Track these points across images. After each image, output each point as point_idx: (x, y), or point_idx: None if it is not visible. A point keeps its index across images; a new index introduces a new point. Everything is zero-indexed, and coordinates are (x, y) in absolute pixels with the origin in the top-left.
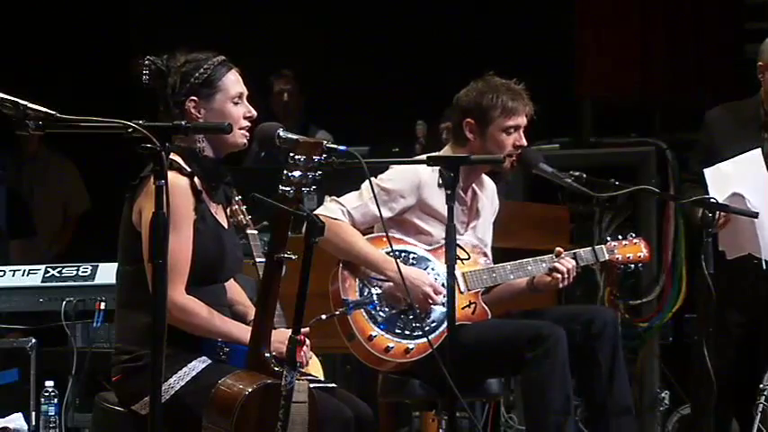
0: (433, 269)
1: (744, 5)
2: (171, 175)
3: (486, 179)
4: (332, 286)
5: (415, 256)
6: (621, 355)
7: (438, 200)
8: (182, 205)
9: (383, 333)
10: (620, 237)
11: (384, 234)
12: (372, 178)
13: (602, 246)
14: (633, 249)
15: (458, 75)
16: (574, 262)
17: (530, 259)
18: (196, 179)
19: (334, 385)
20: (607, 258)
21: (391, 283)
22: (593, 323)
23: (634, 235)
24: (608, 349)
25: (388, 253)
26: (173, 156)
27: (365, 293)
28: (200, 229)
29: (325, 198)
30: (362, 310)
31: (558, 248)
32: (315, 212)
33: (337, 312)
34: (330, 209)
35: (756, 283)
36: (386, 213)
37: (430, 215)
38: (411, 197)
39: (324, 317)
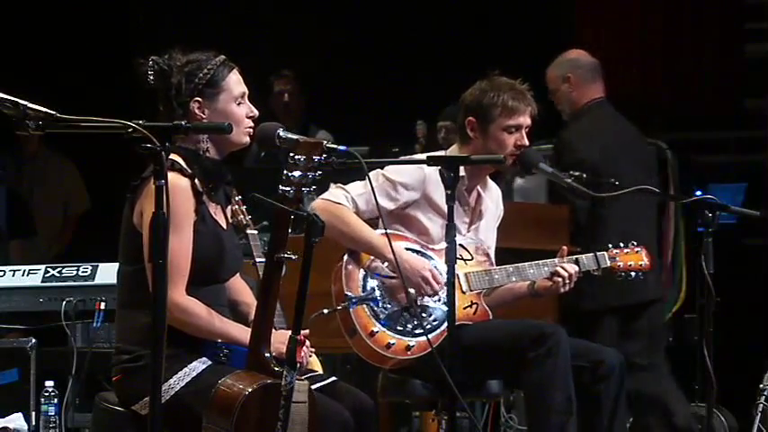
0: (435, 267)
1: (744, 5)
2: (172, 175)
3: (492, 183)
4: (334, 285)
5: (419, 253)
6: (624, 400)
7: (441, 196)
8: (183, 206)
9: (385, 329)
10: (621, 243)
11: (385, 231)
12: (378, 169)
13: (605, 252)
14: (635, 257)
15: (458, 75)
16: (576, 267)
17: (531, 262)
18: (197, 180)
19: (334, 378)
20: (609, 265)
21: (395, 281)
22: (602, 365)
23: (636, 243)
24: (612, 394)
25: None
26: (174, 156)
27: (368, 288)
28: (200, 229)
29: (330, 185)
30: (365, 305)
31: (563, 247)
32: (319, 197)
33: (339, 307)
34: (334, 194)
35: None
36: (389, 204)
37: (433, 210)
38: (416, 191)
39: (326, 311)
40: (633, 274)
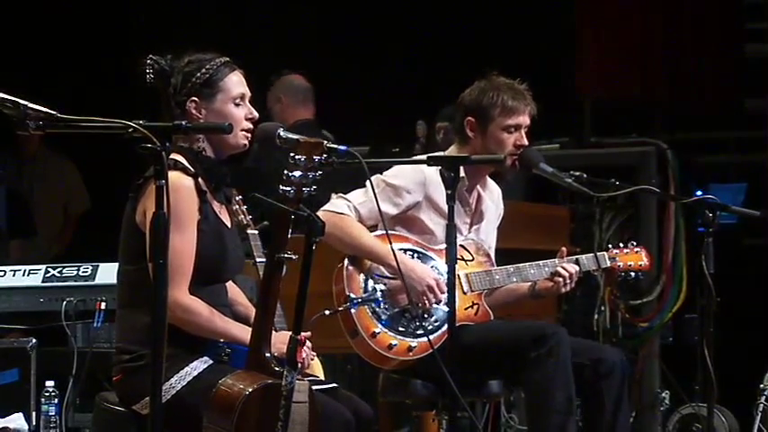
0: (437, 268)
1: (744, 5)
2: (175, 174)
3: (492, 183)
4: (336, 286)
5: (419, 254)
6: (626, 395)
7: (443, 197)
8: (186, 205)
9: (386, 330)
10: (621, 244)
11: (386, 232)
12: (378, 174)
13: (604, 252)
14: (634, 258)
15: (458, 75)
16: (577, 267)
17: (532, 263)
18: (200, 179)
19: (335, 385)
20: (609, 266)
21: (396, 282)
22: (603, 362)
23: (636, 243)
24: (615, 391)
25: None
26: (176, 156)
27: (370, 289)
28: (203, 228)
29: (331, 196)
30: (366, 306)
31: (562, 248)
32: (321, 209)
33: (341, 308)
34: (336, 204)
35: None
36: (392, 210)
37: (435, 211)
38: (417, 193)
39: (327, 312)
40: (633, 274)
